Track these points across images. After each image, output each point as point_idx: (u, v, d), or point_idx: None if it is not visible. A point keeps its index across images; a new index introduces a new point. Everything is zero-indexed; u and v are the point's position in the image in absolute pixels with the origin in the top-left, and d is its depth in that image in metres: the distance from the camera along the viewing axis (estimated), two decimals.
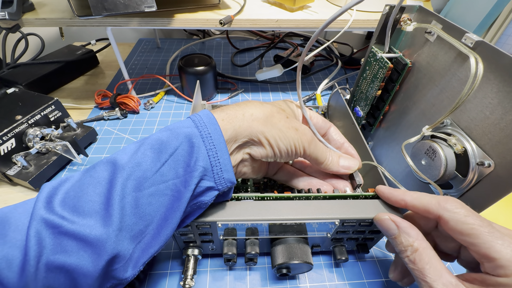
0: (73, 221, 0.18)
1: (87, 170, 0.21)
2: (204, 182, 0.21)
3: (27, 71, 0.54)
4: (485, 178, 0.24)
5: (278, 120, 0.25)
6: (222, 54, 0.73)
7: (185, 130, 0.22)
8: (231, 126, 0.23)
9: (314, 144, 0.27)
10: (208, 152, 0.22)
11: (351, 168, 0.30)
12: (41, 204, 0.19)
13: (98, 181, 0.20)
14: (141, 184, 0.20)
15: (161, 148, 0.21)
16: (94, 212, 0.19)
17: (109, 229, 0.18)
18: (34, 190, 0.38)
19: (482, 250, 0.19)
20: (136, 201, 0.19)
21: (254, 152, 0.25)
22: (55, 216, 0.18)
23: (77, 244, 0.18)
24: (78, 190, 0.20)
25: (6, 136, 0.36)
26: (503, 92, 0.22)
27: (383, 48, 0.35)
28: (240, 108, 0.25)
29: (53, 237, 0.18)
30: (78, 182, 0.20)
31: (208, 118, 0.23)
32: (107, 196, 0.19)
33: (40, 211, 0.18)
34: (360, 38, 0.75)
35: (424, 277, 0.20)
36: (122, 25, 0.41)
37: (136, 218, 0.20)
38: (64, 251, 0.18)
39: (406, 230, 0.22)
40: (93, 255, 0.18)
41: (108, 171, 0.20)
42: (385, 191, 0.25)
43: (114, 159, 0.21)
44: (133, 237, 0.20)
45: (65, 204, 0.19)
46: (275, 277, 0.30)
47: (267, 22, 0.43)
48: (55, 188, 0.20)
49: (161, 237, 0.21)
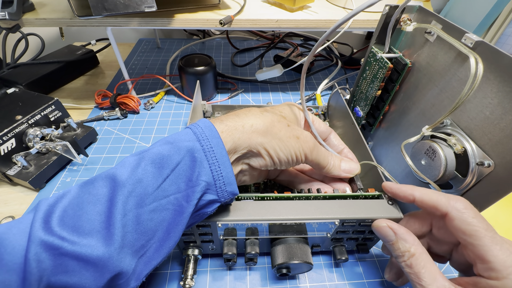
0: (73, 242, 0.18)
1: (84, 185, 0.20)
2: (207, 195, 0.21)
3: (27, 71, 0.54)
4: (485, 178, 0.24)
5: (278, 129, 0.25)
6: (222, 54, 0.73)
7: (187, 144, 0.21)
8: (230, 138, 0.23)
9: (316, 150, 0.27)
10: (211, 167, 0.21)
11: (352, 172, 0.30)
12: (38, 225, 0.18)
13: (98, 198, 0.19)
14: (143, 201, 0.19)
15: (162, 163, 0.20)
16: (95, 232, 0.18)
17: (111, 248, 0.18)
18: (34, 190, 0.38)
19: (479, 252, 0.19)
20: (137, 218, 0.19)
21: (253, 163, 0.25)
22: (55, 237, 0.17)
23: (78, 264, 0.18)
24: (77, 209, 0.19)
25: (6, 136, 0.36)
26: (503, 92, 0.22)
27: (383, 48, 0.35)
28: (240, 119, 0.25)
29: (53, 258, 0.17)
30: (76, 199, 0.19)
31: (209, 131, 0.22)
32: (107, 214, 0.19)
33: (39, 233, 0.17)
34: (360, 38, 0.75)
35: (419, 281, 0.20)
36: (122, 25, 0.41)
37: (138, 234, 0.19)
38: (66, 271, 0.17)
39: (403, 236, 0.23)
40: (95, 273, 0.18)
41: (107, 188, 0.20)
42: (393, 186, 0.25)
43: (114, 175, 0.20)
44: (135, 252, 0.19)
45: (63, 223, 0.18)
46: (275, 277, 0.30)
47: (267, 22, 0.43)
48: (51, 206, 0.19)
49: (164, 250, 0.21)
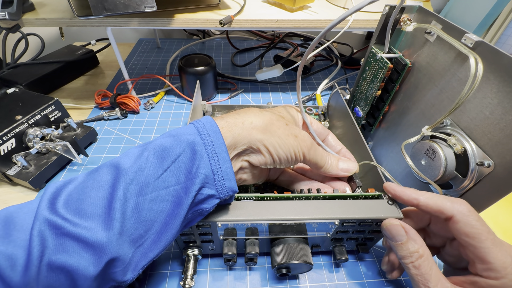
0: (75, 223, 0.19)
1: (91, 172, 0.21)
2: (205, 189, 0.22)
3: (27, 71, 0.54)
4: (485, 178, 0.24)
5: (277, 127, 0.25)
6: (222, 54, 0.73)
7: (188, 137, 0.22)
8: (230, 134, 0.23)
9: (313, 149, 0.27)
10: (210, 160, 0.22)
11: (349, 171, 0.30)
12: (44, 205, 0.19)
13: (101, 184, 0.20)
14: (143, 189, 0.20)
15: (164, 154, 0.21)
16: (96, 215, 0.19)
17: (110, 232, 0.19)
18: (34, 190, 0.38)
19: (480, 253, 0.20)
20: (137, 206, 0.20)
21: (253, 160, 0.25)
22: (58, 217, 0.19)
23: (78, 245, 0.18)
24: (81, 193, 0.20)
25: (6, 136, 0.36)
26: (503, 92, 0.22)
27: (383, 48, 0.35)
28: (240, 116, 0.25)
29: (55, 237, 0.18)
30: (81, 184, 0.20)
31: (211, 126, 0.23)
32: (109, 200, 0.20)
33: (44, 212, 0.19)
34: (360, 38, 0.75)
35: (427, 282, 0.21)
36: (122, 25, 0.41)
37: (136, 222, 0.20)
38: (66, 251, 0.18)
39: (413, 237, 0.23)
40: (93, 256, 0.18)
41: (111, 175, 0.20)
42: (397, 188, 0.25)
43: (118, 163, 0.21)
44: (133, 241, 0.20)
45: (68, 206, 0.19)
46: (275, 277, 0.30)
47: (267, 22, 0.43)
48: (58, 189, 0.20)
49: (161, 242, 0.21)
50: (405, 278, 0.30)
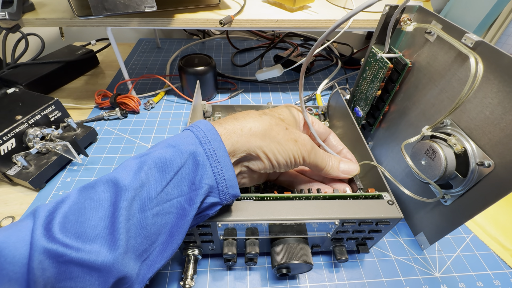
0: (77, 249, 0.17)
1: (84, 189, 0.20)
2: (209, 198, 0.22)
3: (27, 71, 0.54)
4: (485, 178, 0.24)
5: (276, 132, 0.25)
6: (222, 54, 0.73)
7: (189, 148, 0.22)
8: (229, 141, 0.23)
9: (314, 152, 0.27)
10: (214, 170, 0.21)
11: (350, 173, 0.30)
12: (40, 233, 0.17)
13: (100, 204, 0.19)
14: (146, 205, 0.19)
15: (165, 167, 0.21)
16: (99, 238, 0.18)
17: (116, 253, 0.18)
18: (34, 190, 0.38)
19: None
20: (141, 222, 0.19)
21: (252, 166, 0.25)
22: (58, 244, 0.17)
23: (83, 270, 0.17)
24: (79, 215, 0.19)
25: (6, 136, 0.36)
26: (503, 92, 0.22)
27: (383, 48, 0.35)
28: (238, 122, 0.25)
29: (58, 266, 0.17)
30: (76, 205, 0.19)
31: (212, 134, 0.23)
32: (111, 220, 0.19)
33: (41, 241, 0.17)
34: (360, 38, 0.75)
35: None
36: (122, 25, 0.41)
37: (141, 238, 0.19)
38: (70, 278, 0.17)
39: None
40: (100, 279, 0.18)
41: (109, 192, 0.19)
42: None
43: (116, 179, 0.20)
44: (138, 256, 0.19)
45: (66, 230, 0.18)
46: (275, 277, 0.30)
47: (267, 22, 0.43)
48: (51, 211, 0.19)
49: (167, 253, 0.21)
50: (405, 278, 0.30)
